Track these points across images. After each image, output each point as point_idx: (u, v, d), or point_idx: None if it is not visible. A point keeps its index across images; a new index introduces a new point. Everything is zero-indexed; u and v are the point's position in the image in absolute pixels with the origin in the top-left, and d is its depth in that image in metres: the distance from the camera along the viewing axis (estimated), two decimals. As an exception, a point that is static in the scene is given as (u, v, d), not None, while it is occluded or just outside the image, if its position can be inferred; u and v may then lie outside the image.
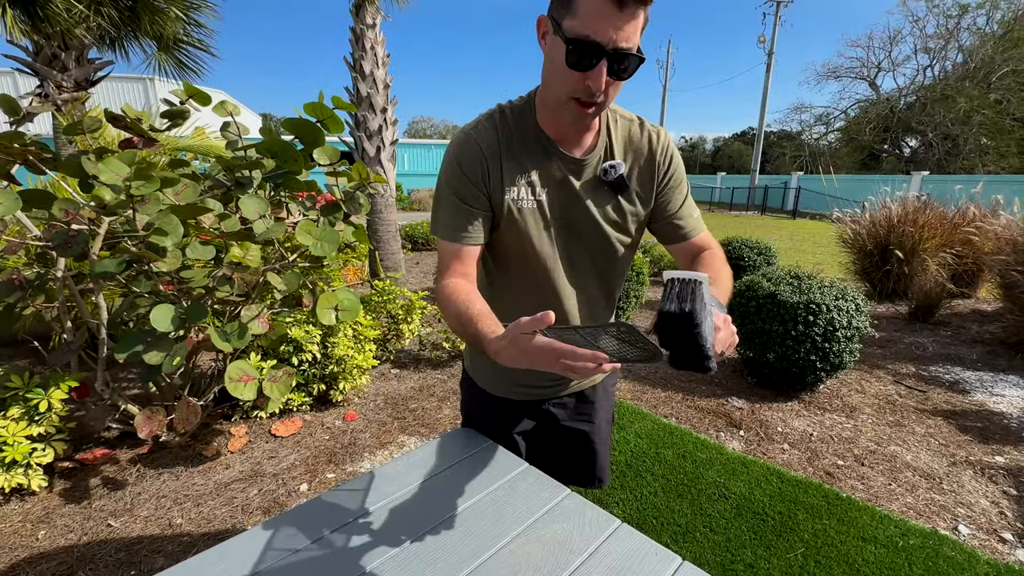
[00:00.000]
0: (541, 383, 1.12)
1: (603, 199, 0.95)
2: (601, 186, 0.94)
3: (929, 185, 13.96)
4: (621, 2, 0.69)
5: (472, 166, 0.89)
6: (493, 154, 0.89)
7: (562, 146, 0.91)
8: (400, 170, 19.14)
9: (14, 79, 14.57)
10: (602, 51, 0.72)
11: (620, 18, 0.70)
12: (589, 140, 0.93)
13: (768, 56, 23.20)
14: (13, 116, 1.85)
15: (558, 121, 0.88)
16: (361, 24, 4.82)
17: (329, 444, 2.45)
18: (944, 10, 24.19)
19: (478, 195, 0.90)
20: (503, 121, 0.91)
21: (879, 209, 5.29)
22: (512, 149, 0.90)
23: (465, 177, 0.89)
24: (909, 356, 3.69)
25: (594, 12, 0.70)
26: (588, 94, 0.76)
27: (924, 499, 2.09)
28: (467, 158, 0.89)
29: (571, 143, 0.92)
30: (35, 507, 1.95)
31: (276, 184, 2.30)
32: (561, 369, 0.59)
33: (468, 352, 1.21)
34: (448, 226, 0.91)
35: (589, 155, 0.92)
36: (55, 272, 2.00)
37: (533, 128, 0.91)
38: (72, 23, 3.93)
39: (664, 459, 2.33)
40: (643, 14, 0.73)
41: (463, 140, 0.90)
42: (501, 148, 0.90)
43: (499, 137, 0.90)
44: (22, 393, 1.93)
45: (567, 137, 0.91)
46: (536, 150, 0.91)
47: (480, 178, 0.89)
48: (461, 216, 0.90)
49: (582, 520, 0.89)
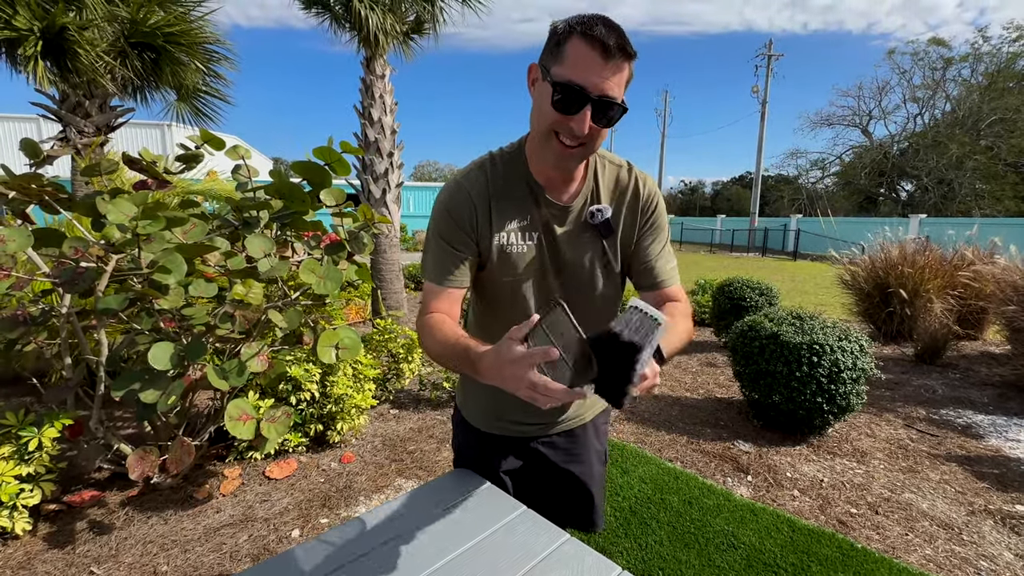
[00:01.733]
0: (528, 420, 1.11)
1: (589, 242, 0.97)
2: (587, 229, 0.96)
3: (927, 227, 14.11)
4: (607, 53, 0.74)
5: (460, 213, 0.92)
6: (482, 200, 0.92)
7: (550, 192, 0.94)
8: (405, 211, 19.56)
9: (38, 124, 15.22)
10: (587, 97, 0.76)
11: (606, 68, 0.75)
12: (575, 186, 0.96)
13: (762, 105, 24.12)
14: (34, 159, 1.92)
15: (545, 166, 0.91)
16: (371, 75, 5.07)
17: (324, 487, 2.38)
18: (929, 62, 25.32)
19: (466, 240, 0.93)
20: (493, 168, 0.95)
21: (878, 251, 5.33)
22: (501, 195, 0.93)
23: (453, 223, 0.92)
24: (918, 399, 3.61)
25: (582, 61, 0.75)
26: (571, 134, 0.80)
27: (944, 551, 1.99)
28: (456, 205, 0.92)
29: (559, 189, 0.95)
30: (16, 552, 1.87)
31: (283, 224, 2.35)
32: (527, 387, 0.61)
33: (460, 387, 1.22)
34: (435, 270, 0.94)
35: (574, 200, 0.95)
36: (60, 308, 2.02)
37: (523, 174, 0.94)
38: (99, 74, 4.16)
39: (670, 505, 2.25)
40: (628, 68, 0.78)
41: (453, 188, 0.94)
42: (490, 194, 0.93)
43: (488, 184, 0.93)
44: (14, 431, 1.90)
45: (555, 183, 0.94)
46: (525, 195, 0.94)
47: (468, 224, 0.92)
48: (448, 260, 0.93)
49: (581, 567, 0.85)
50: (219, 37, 5.08)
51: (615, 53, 0.74)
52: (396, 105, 5.24)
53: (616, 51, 0.74)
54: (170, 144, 15.84)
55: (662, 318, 0.57)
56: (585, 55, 0.75)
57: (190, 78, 5.01)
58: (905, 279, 4.91)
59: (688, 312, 0.98)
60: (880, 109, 28.13)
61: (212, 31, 5.00)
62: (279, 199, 2.29)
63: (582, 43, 0.75)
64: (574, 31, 0.75)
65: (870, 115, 28.73)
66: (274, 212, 2.30)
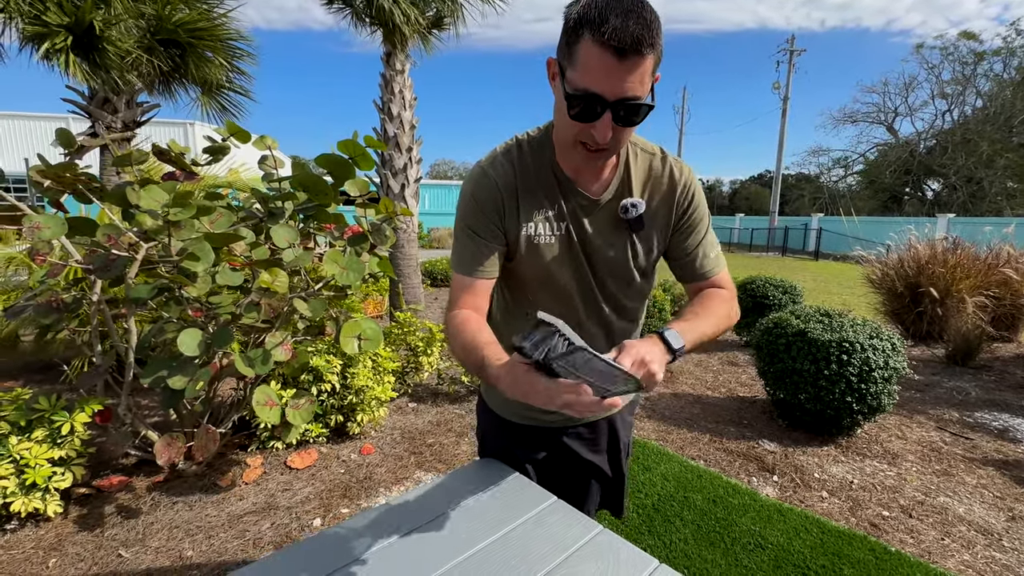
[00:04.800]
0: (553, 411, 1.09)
1: (618, 236, 0.93)
2: (618, 223, 0.93)
3: (957, 227, 13.67)
4: (621, 54, 0.66)
5: (487, 202, 0.89)
6: (509, 190, 0.89)
7: (578, 183, 0.90)
8: (422, 209, 19.65)
9: (67, 123, 15.68)
10: (605, 103, 0.71)
11: (621, 68, 0.68)
12: (606, 176, 0.91)
13: (783, 102, 23.62)
14: (68, 148, 1.96)
15: (572, 164, 0.89)
16: (391, 70, 5.08)
17: (344, 478, 2.39)
18: (959, 57, 24.50)
19: (494, 230, 0.90)
20: (520, 156, 0.91)
21: (906, 249, 5.17)
22: (528, 184, 0.90)
23: (481, 212, 0.90)
24: (951, 401, 3.49)
25: (595, 65, 0.68)
26: (594, 141, 0.76)
27: (984, 557, 1.91)
28: (483, 194, 0.89)
29: (588, 180, 0.91)
30: (48, 534, 1.92)
31: (306, 216, 2.36)
32: (560, 406, 0.61)
33: None
34: (462, 260, 0.91)
35: (604, 192, 0.91)
36: (91, 296, 2.06)
37: (550, 164, 0.91)
38: (126, 69, 4.24)
39: (693, 504, 2.20)
40: (650, 59, 0.69)
41: (479, 176, 0.90)
42: (517, 183, 0.90)
43: (516, 172, 0.90)
44: (48, 415, 1.94)
45: (584, 175, 0.90)
46: (552, 185, 0.91)
47: (495, 213, 0.90)
48: (475, 250, 0.90)
49: (616, 560, 0.83)
50: (242, 33, 5.14)
51: (631, 51, 0.66)
52: (415, 100, 5.25)
53: (631, 49, 0.66)
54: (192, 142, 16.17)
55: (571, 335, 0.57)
56: (598, 59, 0.67)
57: (214, 74, 5.08)
58: (936, 278, 4.75)
59: (729, 297, 0.95)
60: (907, 105, 27.39)
61: (235, 28, 5.07)
62: (303, 191, 2.31)
63: (594, 47, 0.67)
64: (584, 32, 0.67)
65: (896, 112, 27.99)
66: (298, 203, 2.31)
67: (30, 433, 1.90)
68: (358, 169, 2.28)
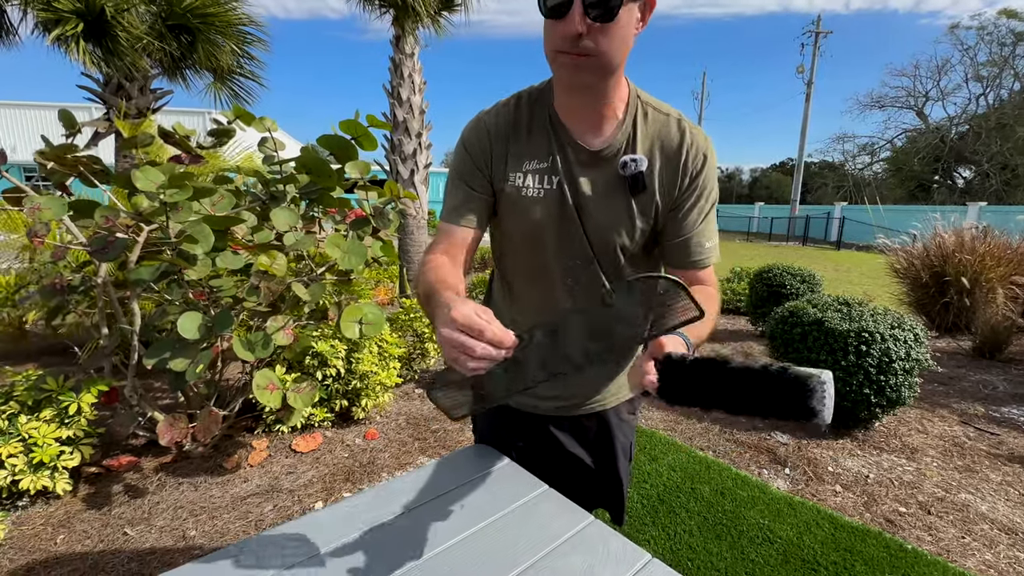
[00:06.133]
0: (543, 393, 1.03)
1: (616, 195, 0.85)
2: (618, 181, 0.85)
3: (988, 215, 13.12)
4: None
5: (476, 148, 0.87)
6: (500, 138, 0.86)
7: (577, 134, 0.84)
8: (433, 196, 19.64)
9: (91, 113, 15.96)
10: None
11: None
12: (609, 130, 0.84)
13: (807, 86, 22.88)
14: (70, 129, 1.96)
15: (564, 93, 0.83)
16: (400, 54, 5.02)
17: (348, 462, 2.39)
18: (998, 37, 23.35)
19: (480, 178, 0.87)
20: (517, 108, 0.88)
21: (932, 238, 4.96)
22: (522, 135, 0.86)
23: (469, 158, 0.88)
24: (976, 395, 3.35)
25: None
26: (571, 42, 0.69)
27: (1007, 557, 1.82)
28: (472, 141, 0.88)
29: (588, 131, 0.84)
30: (58, 511, 1.96)
31: (310, 200, 2.34)
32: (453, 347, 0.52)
33: None
34: (447, 208, 0.90)
35: (606, 146, 0.84)
36: (97, 279, 2.07)
37: (548, 114, 0.86)
38: (138, 55, 4.26)
39: (700, 495, 2.15)
40: None
41: (474, 123, 0.89)
42: (511, 133, 0.86)
43: (510, 121, 0.86)
44: (55, 395, 1.97)
45: (584, 123, 0.84)
46: (549, 138, 0.85)
47: (483, 160, 0.87)
48: (461, 197, 0.88)
49: (606, 552, 0.78)
50: (252, 18, 5.12)
51: None
52: (425, 84, 5.19)
53: None
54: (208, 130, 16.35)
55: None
56: None
57: (225, 59, 5.08)
58: (964, 267, 4.55)
59: (713, 296, 0.86)
60: (938, 89, 26.30)
61: (245, 13, 5.05)
62: (306, 173, 2.28)
63: None
64: None
65: (927, 96, 26.89)
66: (300, 186, 2.29)
67: (38, 413, 1.93)
68: (362, 150, 2.25)
